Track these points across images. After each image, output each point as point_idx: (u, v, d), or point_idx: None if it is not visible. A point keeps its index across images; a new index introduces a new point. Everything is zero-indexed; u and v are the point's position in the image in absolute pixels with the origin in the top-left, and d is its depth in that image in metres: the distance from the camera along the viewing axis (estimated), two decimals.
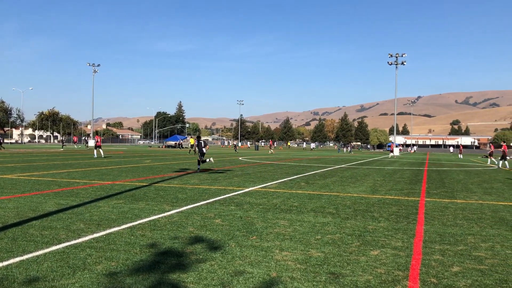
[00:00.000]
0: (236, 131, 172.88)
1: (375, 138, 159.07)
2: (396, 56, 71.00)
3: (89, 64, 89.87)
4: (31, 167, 20.72)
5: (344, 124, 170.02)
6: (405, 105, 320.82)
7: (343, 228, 7.50)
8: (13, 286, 4.30)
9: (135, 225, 7.33)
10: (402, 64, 71.23)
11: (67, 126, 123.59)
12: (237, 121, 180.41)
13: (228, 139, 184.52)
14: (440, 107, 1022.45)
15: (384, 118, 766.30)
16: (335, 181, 16.39)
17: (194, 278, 4.69)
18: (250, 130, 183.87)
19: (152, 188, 12.85)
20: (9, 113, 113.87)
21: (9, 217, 7.82)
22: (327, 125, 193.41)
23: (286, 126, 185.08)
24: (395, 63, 71.13)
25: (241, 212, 8.90)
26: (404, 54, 71.00)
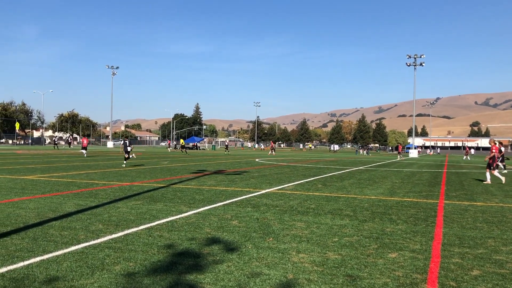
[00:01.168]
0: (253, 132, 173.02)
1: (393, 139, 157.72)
2: (415, 57, 70.35)
3: (108, 66, 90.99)
4: (51, 168, 21.05)
5: (362, 125, 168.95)
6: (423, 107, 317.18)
7: (361, 231, 7.44)
8: (34, 285, 4.38)
9: (153, 226, 7.39)
10: (421, 65, 70.56)
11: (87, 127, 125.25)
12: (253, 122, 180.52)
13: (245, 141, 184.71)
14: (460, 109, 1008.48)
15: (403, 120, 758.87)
16: (352, 183, 16.28)
17: (211, 279, 4.71)
18: (267, 132, 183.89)
19: (170, 189, 12.94)
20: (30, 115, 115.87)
21: (30, 217, 7.95)
22: (345, 126, 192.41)
23: (303, 128, 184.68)
24: (414, 64, 70.47)
25: (257, 213, 8.91)
26: (422, 55, 70.32)
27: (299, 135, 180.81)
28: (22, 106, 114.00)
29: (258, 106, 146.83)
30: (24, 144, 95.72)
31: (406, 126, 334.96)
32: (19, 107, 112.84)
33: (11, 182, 13.81)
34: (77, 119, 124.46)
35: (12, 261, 5.13)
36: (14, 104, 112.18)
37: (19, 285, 4.37)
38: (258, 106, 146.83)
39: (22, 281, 4.48)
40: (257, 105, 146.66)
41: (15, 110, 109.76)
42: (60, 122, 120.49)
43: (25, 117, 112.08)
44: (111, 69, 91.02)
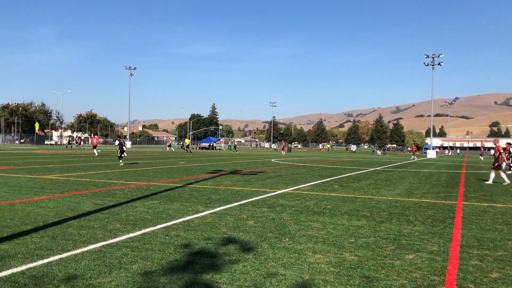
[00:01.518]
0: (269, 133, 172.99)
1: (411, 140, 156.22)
2: (433, 56, 69.60)
3: (125, 67, 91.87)
4: (70, 168, 21.34)
5: (379, 125, 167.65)
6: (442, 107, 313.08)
7: (378, 232, 7.39)
8: (53, 283, 4.45)
9: (169, 225, 7.45)
10: (439, 64, 69.79)
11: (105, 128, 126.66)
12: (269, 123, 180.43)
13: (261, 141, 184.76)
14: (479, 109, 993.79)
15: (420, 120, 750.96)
16: (369, 184, 16.17)
17: (227, 278, 4.73)
18: (283, 132, 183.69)
19: (187, 189, 13.01)
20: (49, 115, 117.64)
21: (49, 216, 8.08)
22: (361, 127, 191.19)
23: (319, 128, 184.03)
24: (432, 64, 69.73)
25: (273, 214, 8.90)
26: (441, 55, 69.55)
27: (315, 135, 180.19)
28: (42, 106, 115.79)
29: (274, 106, 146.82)
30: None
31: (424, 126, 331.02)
32: (39, 108, 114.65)
33: (31, 182, 14.04)
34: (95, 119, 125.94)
35: (32, 259, 5.22)
36: (33, 104, 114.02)
37: (38, 282, 4.45)
38: (274, 106, 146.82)
39: (41, 279, 4.56)
40: (273, 105, 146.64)
41: (34, 110, 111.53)
42: (79, 122, 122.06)
43: (45, 117, 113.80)
44: (129, 70, 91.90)
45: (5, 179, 14.60)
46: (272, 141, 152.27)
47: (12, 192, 11.40)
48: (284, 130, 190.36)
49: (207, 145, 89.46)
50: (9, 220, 7.56)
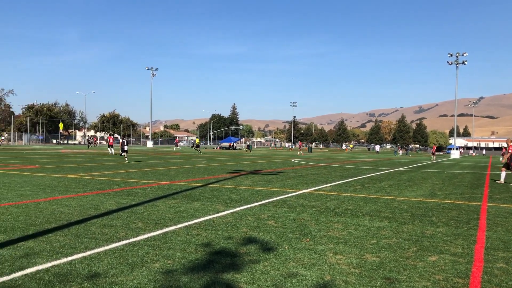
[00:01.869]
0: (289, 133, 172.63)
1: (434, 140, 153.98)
2: (457, 55, 68.43)
3: (147, 68, 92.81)
4: (93, 167, 21.66)
5: (401, 125, 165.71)
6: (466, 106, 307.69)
7: (400, 233, 7.30)
8: (76, 281, 4.52)
9: (190, 225, 7.49)
10: (463, 63, 68.54)
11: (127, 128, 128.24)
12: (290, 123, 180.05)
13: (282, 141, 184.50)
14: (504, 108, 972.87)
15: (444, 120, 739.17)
16: (391, 185, 15.99)
17: (247, 278, 4.73)
18: (304, 132, 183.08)
19: (207, 188, 13.08)
20: (73, 116, 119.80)
21: (72, 214, 8.21)
22: (384, 126, 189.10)
23: (340, 128, 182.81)
24: (456, 63, 68.56)
25: (294, 214, 8.88)
26: (465, 53, 68.30)
27: (337, 135, 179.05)
28: (66, 106, 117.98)
29: (294, 106, 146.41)
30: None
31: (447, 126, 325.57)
32: (63, 108, 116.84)
33: (55, 181, 14.30)
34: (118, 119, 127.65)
35: (56, 257, 5.32)
36: (58, 105, 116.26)
37: (62, 280, 4.53)
38: (294, 106, 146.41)
39: (65, 276, 4.64)
40: (293, 105, 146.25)
41: (59, 110, 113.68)
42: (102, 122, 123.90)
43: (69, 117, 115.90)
44: (151, 70, 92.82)
45: (30, 178, 14.90)
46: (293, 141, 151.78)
47: (37, 190, 11.63)
48: (304, 130, 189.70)
49: (227, 145, 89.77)
50: (34, 218, 7.71)
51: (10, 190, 11.49)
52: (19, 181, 13.94)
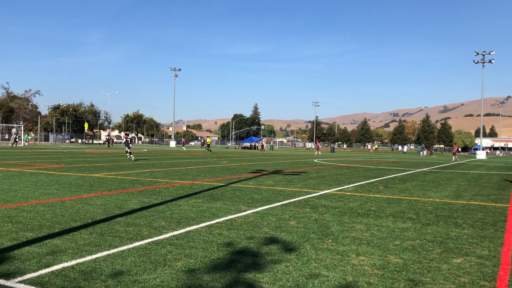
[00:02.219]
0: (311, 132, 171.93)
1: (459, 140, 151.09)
2: (483, 54, 67.05)
3: (170, 68, 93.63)
4: (117, 166, 21.96)
5: (426, 125, 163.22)
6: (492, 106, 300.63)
7: (424, 234, 7.20)
8: (101, 278, 4.59)
9: (212, 224, 7.53)
10: (490, 62, 67.12)
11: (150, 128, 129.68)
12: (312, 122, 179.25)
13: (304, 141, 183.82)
14: None
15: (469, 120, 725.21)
16: (415, 185, 15.77)
17: (269, 278, 4.73)
18: (326, 132, 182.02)
19: (229, 188, 13.12)
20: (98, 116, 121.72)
21: (97, 213, 8.35)
22: (408, 126, 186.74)
23: (363, 128, 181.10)
24: (482, 61, 67.19)
25: (316, 214, 8.84)
26: (492, 52, 66.87)
27: (360, 135, 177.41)
28: (91, 107, 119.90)
29: (317, 106, 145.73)
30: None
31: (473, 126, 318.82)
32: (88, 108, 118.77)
33: (80, 180, 14.55)
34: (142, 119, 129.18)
35: (81, 255, 5.41)
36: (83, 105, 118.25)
37: (87, 277, 4.60)
38: (317, 106, 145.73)
39: (90, 274, 4.71)
40: (315, 105, 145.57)
41: (84, 111, 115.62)
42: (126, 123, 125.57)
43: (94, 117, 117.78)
44: (174, 71, 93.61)
45: (56, 177, 15.20)
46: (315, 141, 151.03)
47: (63, 189, 11.85)
48: (327, 130, 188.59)
49: (249, 145, 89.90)
50: (60, 217, 7.87)
51: (37, 189, 11.75)
52: (45, 180, 14.23)
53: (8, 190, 11.39)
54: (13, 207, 8.72)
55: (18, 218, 7.60)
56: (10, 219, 7.54)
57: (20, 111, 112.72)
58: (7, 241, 6.01)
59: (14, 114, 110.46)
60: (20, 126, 78.81)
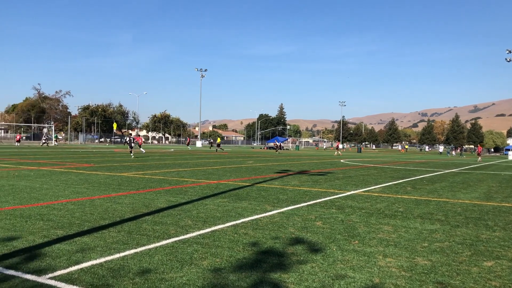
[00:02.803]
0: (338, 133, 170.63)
1: (490, 140, 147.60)
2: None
3: (197, 69, 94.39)
4: (145, 166, 22.27)
5: (455, 125, 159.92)
6: None
7: (453, 236, 7.06)
8: (129, 276, 4.66)
9: (238, 224, 7.56)
10: None
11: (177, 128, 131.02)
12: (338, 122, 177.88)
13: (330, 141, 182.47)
14: None
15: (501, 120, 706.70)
16: (444, 186, 15.48)
17: (295, 278, 4.72)
18: (353, 132, 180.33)
19: (255, 188, 13.14)
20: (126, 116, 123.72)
21: (125, 212, 8.48)
22: (436, 126, 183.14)
23: (391, 128, 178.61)
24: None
25: (342, 215, 8.77)
26: None
27: (387, 135, 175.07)
28: (119, 107, 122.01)
29: (343, 105, 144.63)
30: None
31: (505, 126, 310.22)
32: (117, 108, 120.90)
33: (109, 179, 14.81)
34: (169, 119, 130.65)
35: (109, 253, 5.51)
36: (112, 105, 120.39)
37: (115, 275, 4.69)
38: (343, 105, 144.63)
39: (118, 272, 4.80)
40: (342, 105, 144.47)
41: (113, 111, 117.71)
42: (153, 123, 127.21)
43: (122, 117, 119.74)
44: (200, 71, 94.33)
45: (86, 176, 15.51)
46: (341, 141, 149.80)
47: (92, 188, 12.09)
48: (353, 130, 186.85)
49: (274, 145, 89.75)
50: (89, 215, 8.03)
51: (67, 188, 12.02)
52: (75, 179, 14.54)
53: (40, 188, 11.69)
54: (44, 205, 8.95)
55: (49, 216, 7.79)
56: (41, 217, 7.74)
57: (51, 112, 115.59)
58: (38, 238, 6.17)
59: (45, 114, 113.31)
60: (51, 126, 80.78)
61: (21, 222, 7.20)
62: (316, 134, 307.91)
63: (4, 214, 7.90)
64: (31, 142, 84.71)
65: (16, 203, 9.18)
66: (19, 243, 5.86)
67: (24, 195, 10.30)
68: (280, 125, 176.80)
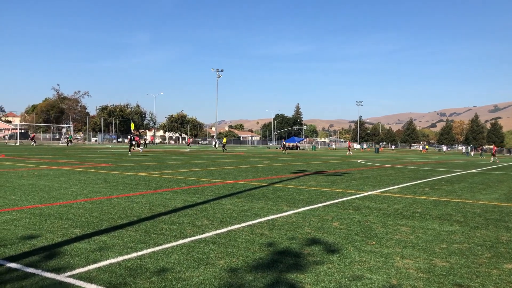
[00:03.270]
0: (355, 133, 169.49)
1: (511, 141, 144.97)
2: None
3: (213, 69, 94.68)
4: (162, 166, 22.42)
5: (474, 125, 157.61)
6: None
7: (472, 238, 6.95)
8: (146, 275, 4.70)
9: (254, 224, 7.56)
10: None
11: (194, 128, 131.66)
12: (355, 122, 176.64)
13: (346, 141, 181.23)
14: None
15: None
16: (463, 187, 15.26)
17: (311, 279, 4.70)
18: (370, 132, 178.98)
19: (271, 188, 13.13)
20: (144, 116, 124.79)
21: (142, 211, 8.55)
22: (455, 126, 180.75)
23: (409, 128, 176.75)
24: None
25: (359, 216, 8.71)
26: None
27: (405, 135, 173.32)
28: (137, 107, 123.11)
29: (360, 105, 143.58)
30: None
31: None
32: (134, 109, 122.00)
33: (126, 178, 14.96)
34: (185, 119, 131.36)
35: (127, 251, 5.56)
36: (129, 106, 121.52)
37: (133, 274, 4.73)
38: (360, 105, 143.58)
39: (135, 270, 4.84)
40: (359, 104, 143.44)
41: (130, 111, 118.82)
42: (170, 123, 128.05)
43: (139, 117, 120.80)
44: (216, 72, 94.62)
45: (104, 176, 15.68)
46: (358, 141, 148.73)
47: (110, 187, 12.21)
48: (371, 130, 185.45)
49: (290, 145, 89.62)
50: (107, 214, 8.11)
51: (85, 187, 12.16)
52: (94, 178, 14.72)
53: (59, 188, 11.85)
54: (63, 204, 9.08)
55: (68, 215, 7.90)
56: (60, 215, 7.85)
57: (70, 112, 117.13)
58: (57, 237, 6.26)
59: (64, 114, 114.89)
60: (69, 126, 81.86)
61: (41, 221, 7.31)
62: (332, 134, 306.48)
63: (24, 213, 8.03)
64: (51, 141, 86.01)
65: (36, 202, 9.33)
66: (39, 242, 5.95)
67: (44, 194, 10.46)
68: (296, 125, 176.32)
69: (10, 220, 7.35)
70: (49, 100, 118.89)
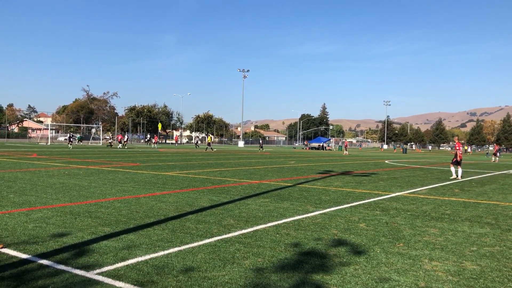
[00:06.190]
0: (382, 133, 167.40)
1: None
2: None
3: (239, 70, 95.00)
4: (189, 165, 22.62)
5: (506, 125, 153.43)
6: None
7: (504, 241, 6.77)
8: (172, 273, 4.75)
9: (280, 224, 7.55)
10: None
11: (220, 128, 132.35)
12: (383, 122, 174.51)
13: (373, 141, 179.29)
14: None
15: None
16: (495, 189, 14.88)
17: (337, 280, 4.67)
18: (398, 132, 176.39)
19: (296, 188, 13.09)
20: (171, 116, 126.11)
21: (169, 210, 8.65)
22: (486, 127, 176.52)
23: (438, 128, 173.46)
24: None
25: (387, 217, 8.59)
26: None
27: (434, 135, 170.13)
28: (164, 108, 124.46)
29: (388, 105, 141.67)
30: None
31: None
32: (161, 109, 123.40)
33: (154, 178, 15.15)
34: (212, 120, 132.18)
35: (154, 250, 5.63)
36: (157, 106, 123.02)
37: (160, 272, 4.78)
38: (388, 105, 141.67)
39: (162, 269, 4.89)
40: (387, 104, 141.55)
41: (158, 112, 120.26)
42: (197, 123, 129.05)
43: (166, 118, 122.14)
44: (242, 72, 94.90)
45: (132, 175, 15.92)
46: (386, 142, 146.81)
47: (138, 187, 12.39)
48: (399, 130, 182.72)
49: (316, 145, 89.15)
50: (135, 213, 8.24)
51: (114, 186, 12.38)
52: (122, 177, 14.96)
53: (88, 187, 12.10)
54: (92, 203, 9.26)
55: (97, 214, 8.05)
56: (89, 214, 8.01)
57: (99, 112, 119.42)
58: (87, 235, 6.39)
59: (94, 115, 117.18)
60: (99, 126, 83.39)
61: (71, 219, 7.48)
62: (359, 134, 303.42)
63: (55, 211, 8.23)
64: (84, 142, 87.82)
65: (66, 200, 9.55)
66: (69, 239, 6.09)
67: (74, 193, 10.69)
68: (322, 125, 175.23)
69: (42, 218, 7.54)
70: (79, 101, 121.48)
